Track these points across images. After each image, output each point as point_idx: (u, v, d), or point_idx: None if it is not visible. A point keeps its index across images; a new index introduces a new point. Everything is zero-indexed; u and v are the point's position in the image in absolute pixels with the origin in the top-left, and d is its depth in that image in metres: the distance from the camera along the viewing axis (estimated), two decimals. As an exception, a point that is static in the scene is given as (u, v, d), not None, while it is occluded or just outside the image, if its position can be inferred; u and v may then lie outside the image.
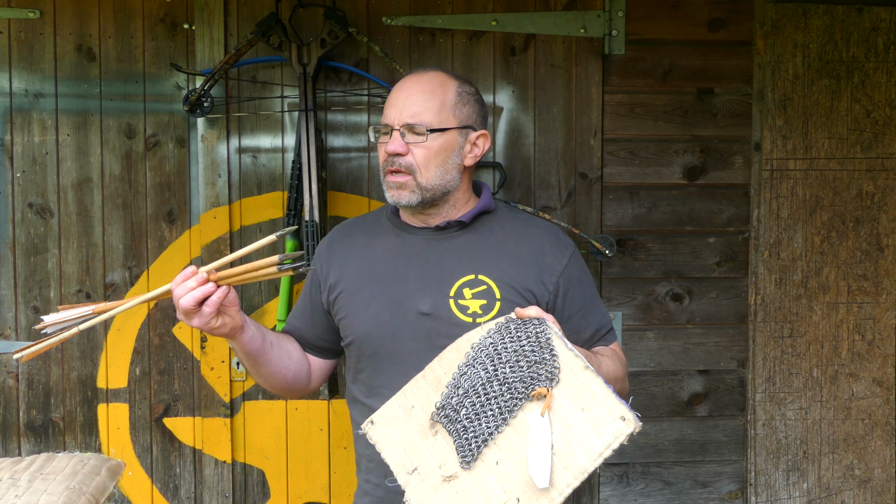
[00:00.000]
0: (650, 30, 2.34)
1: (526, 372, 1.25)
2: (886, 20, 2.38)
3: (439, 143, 1.56)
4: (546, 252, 1.59)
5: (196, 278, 1.38)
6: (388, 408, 1.42)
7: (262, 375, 1.63)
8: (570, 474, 1.13)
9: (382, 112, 1.61)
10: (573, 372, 1.21)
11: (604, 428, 1.13)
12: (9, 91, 2.26)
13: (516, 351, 1.28)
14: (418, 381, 1.40)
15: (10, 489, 1.28)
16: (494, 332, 1.34)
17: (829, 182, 2.40)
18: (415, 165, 1.55)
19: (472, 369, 1.32)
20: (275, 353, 1.61)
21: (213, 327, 1.43)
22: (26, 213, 2.28)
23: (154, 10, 2.27)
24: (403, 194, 1.56)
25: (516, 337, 1.30)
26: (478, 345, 1.34)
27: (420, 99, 1.55)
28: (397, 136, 1.55)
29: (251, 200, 2.31)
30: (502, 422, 1.24)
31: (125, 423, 2.34)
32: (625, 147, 2.36)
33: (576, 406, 1.18)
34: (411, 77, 1.60)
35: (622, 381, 1.58)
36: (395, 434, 1.37)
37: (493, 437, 1.24)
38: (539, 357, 1.25)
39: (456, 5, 2.30)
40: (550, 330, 1.28)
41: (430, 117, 1.55)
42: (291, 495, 2.37)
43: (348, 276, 1.64)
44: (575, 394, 1.19)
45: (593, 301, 1.63)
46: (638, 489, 2.43)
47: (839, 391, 2.45)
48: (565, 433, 1.16)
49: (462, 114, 1.58)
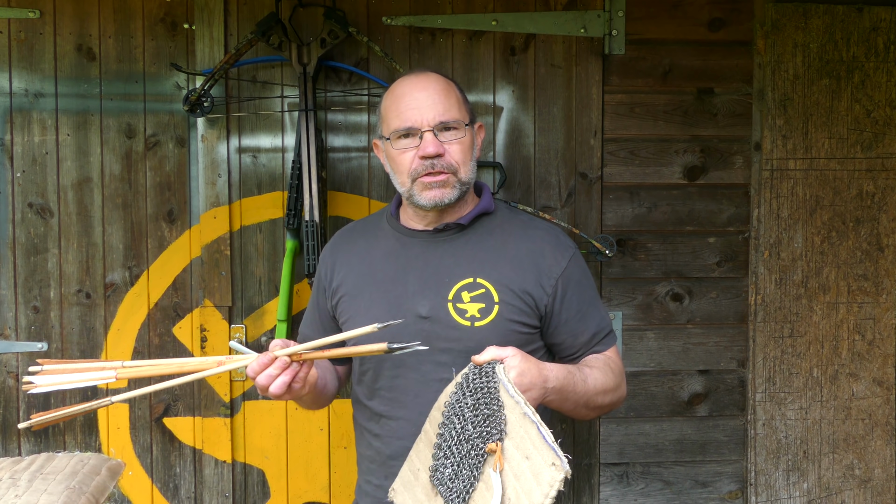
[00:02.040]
0: (650, 30, 2.34)
1: (483, 427, 1.27)
2: (886, 20, 2.38)
3: (469, 138, 1.57)
4: (546, 254, 1.58)
5: (278, 365, 1.35)
6: (402, 474, 1.45)
7: (317, 403, 1.67)
8: None
9: (387, 116, 1.57)
10: (516, 419, 1.23)
11: (541, 476, 1.15)
12: (9, 91, 2.26)
13: (474, 406, 1.29)
14: (418, 443, 1.43)
15: (10, 489, 1.28)
16: (459, 387, 1.34)
17: (830, 182, 2.40)
18: (455, 164, 1.53)
19: (445, 429, 1.34)
20: (327, 377, 1.65)
21: (301, 395, 1.44)
22: (26, 213, 2.28)
23: (154, 10, 2.27)
24: (447, 192, 1.53)
25: (473, 389, 1.31)
26: (449, 402, 1.35)
27: (442, 97, 1.54)
28: (431, 136, 1.51)
29: (251, 200, 2.31)
30: (474, 479, 1.27)
31: (125, 422, 2.34)
32: (625, 147, 2.36)
33: (522, 455, 1.20)
34: (416, 78, 1.57)
35: (614, 392, 1.56)
36: (411, 499, 1.41)
37: (470, 495, 1.27)
38: (490, 410, 1.27)
39: (456, 5, 2.30)
40: (497, 376, 1.29)
41: (458, 113, 1.55)
42: (291, 495, 2.37)
43: (350, 280, 1.64)
44: (520, 443, 1.21)
45: (592, 304, 1.62)
46: (638, 489, 2.43)
47: (839, 391, 2.45)
48: (517, 484, 1.19)
49: (467, 108, 1.60)
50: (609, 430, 2.40)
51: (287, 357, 1.34)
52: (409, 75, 1.60)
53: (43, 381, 1.33)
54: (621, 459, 2.42)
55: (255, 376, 1.35)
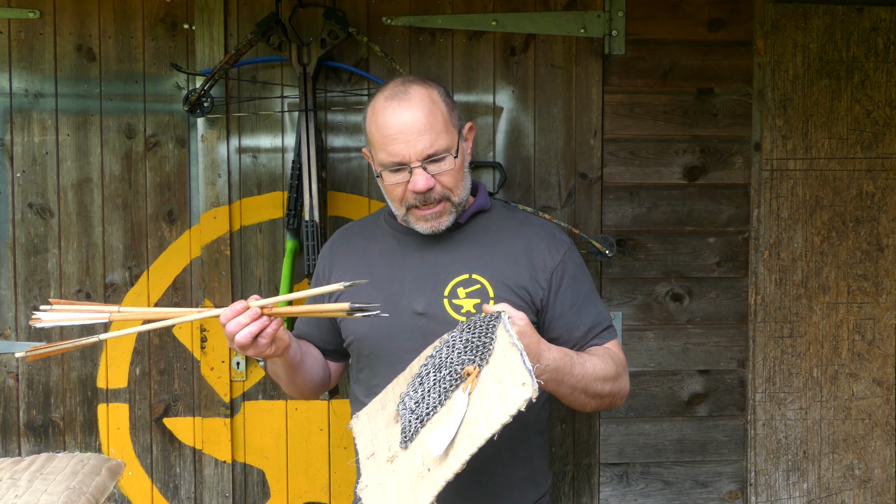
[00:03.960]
0: (650, 30, 2.34)
1: (465, 356, 1.27)
2: (886, 20, 2.38)
3: (459, 160, 1.55)
4: (541, 249, 1.59)
5: (249, 314, 1.38)
6: (371, 404, 1.47)
7: (295, 384, 1.65)
8: (469, 441, 1.14)
9: (375, 146, 1.55)
10: (502, 349, 1.23)
11: (507, 395, 1.14)
12: (9, 91, 2.26)
13: (468, 340, 1.30)
14: (399, 378, 1.44)
15: (10, 489, 1.28)
16: (458, 328, 1.36)
17: (829, 182, 2.40)
18: (447, 192, 1.53)
19: (431, 360, 1.35)
20: (308, 361, 1.64)
21: (267, 354, 1.45)
22: (26, 213, 2.28)
23: (154, 10, 2.27)
24: (443, 221, 1.55)
25: (472, 327, 1.32)
26: (444, 339, 1.37)
27: (427, 125, 1.49)
28: (421, 171, 1.50)
29: (251, 200, 2.31)
30: (439, 403, 1.26)
31: (125, 423, 2.34)
32: (625, 147, 2.36)
33: (495, 380, 1.20)
34: (399, 105, 1.51)
35: (614, 381, 1.53)
36: (370, 425, 1.42)
37: (429, 418, 1.26)
38: (480, 342, 1.28)
39: (456, 5, 2.30)
40: (501, 320, 1.30)
41: (445, 140, 1.51)
42: (291, 495, 2.37)
43: (348, 278, 1.64)
44: (497, 369, 1.21)
45: (588, 298, 1.61)
46: (638, 489, 2.43)
47: (839, 391, 2.45)
48: (480, 405, 1.18)
49: (455, 118, 1.58)
50: (609, 430, 2.40)
51: (258, 308, 1.39)
52: (391, 98, 1.53)
53: (48, 317, 1.40)
54: (621, 459, 2.42)
55: (226, 322, 1.38)
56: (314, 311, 1.45)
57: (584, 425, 2.39)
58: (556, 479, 2.39)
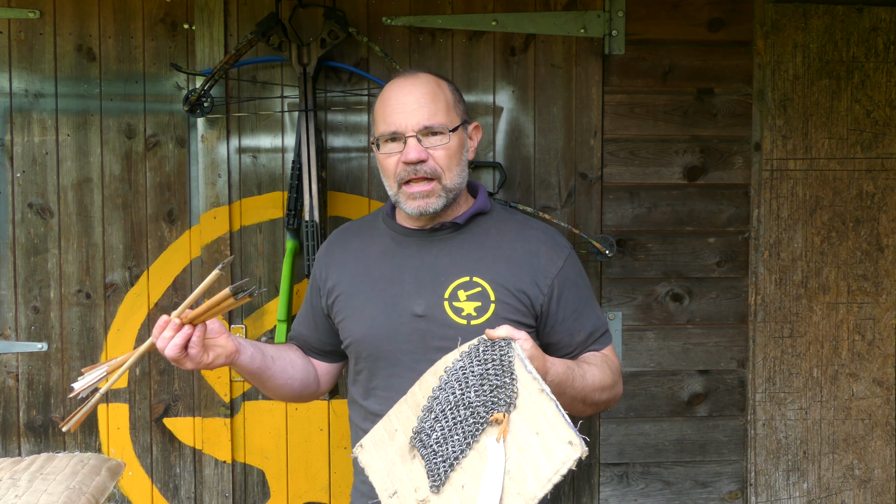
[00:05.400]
0: (650, 30, 2.34)
1: (488, 396, 1.25)
2: (886, 20, 2.38)
3: (456, 142, 1.55)
4: (541, 254, 1.59)
5: (171, 326, 1.38)
6: (375, 432, 1.44)
7: (269, 389, 1.64)
8: (521, 500, 1.13)
9: (376, 120, 1.57)
10: (530, 395, 1.21)
11: (553, 453, 1.13)
12: (9, 91, 2.26)
13: (482, 374, 1.28)
14: (401, 404, 1.41)
15: (10, 489, 1.28)
16: (465, 355, 1.34)
17: (829, 182, 2.40)
18: (439, 169, 1.52)
19: (442, 393, 1.32)
20: (277, 367, 1.61)
21: (206, 363, 1.44)
22: (26, 213, 2.29)
23: (154, 10, 2.27)
24: (431, 202, 1.53)
25: (483, 360, 1.30)
26: (450, 368, 1.34)
27: (429, 100, 1.52)
28: (414, 142, 1.51)
29: (251, 200, 2.31)
30: (466, 446, 1.25)
31: (125, 423, 2.34)
32: (625, 147, 2.36)
33: (531, 430, 1.18)
34: (405, 81, 1.56)
35: (611, 389, 1.56)
36: (381, 458, 1.39)
37: (458, 462, 1.25)
38: (500, 381, 1.25)
39: (456, 5, 2.30)
40: (514, 351, 1.28)
41: (443, 117, 1.53)
42: (291, 495, 2.37)
43: (345, 279, 1.64)
44: (531, 418, 1.19)
45: (588, 304, 1.62)
46: (638, 489, 2.43)
47: (839, 391, 2.45)
48: (521, 458, 1.17)
49: (460, 110, 1.59)
50: (609, 430, 2.40)
51: (178, 320, 1.38)
52: (400, 77, 1.58)
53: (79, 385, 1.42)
54: (621, 460, 2.42)
55: (155, 341, 1.39)
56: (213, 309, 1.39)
57: (584, 425, 2.39)
58: (556, 479, 2.39)
